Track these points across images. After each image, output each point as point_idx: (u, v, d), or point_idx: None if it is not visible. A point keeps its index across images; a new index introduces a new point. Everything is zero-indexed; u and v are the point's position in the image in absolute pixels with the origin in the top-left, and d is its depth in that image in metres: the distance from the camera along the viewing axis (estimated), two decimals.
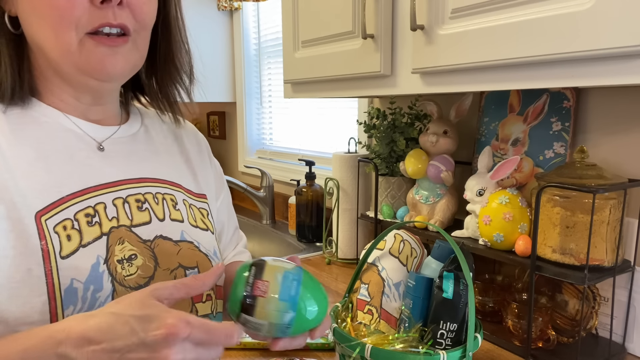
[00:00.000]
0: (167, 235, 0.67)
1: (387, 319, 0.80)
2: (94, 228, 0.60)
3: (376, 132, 1.27)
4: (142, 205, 0.66)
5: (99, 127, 0.67)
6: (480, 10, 0.76)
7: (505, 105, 1.08)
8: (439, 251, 0.79)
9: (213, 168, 0.84)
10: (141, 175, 0.68)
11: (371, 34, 0.96)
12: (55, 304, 0.55)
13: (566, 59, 0.66)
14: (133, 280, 0.61)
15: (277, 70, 2.10)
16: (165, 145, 0.76)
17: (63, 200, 0.59)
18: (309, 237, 1.68)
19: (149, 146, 0.73)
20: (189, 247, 0.68)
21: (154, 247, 0.64)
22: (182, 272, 0.65)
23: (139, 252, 0.62)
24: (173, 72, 0.73)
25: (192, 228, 0.71)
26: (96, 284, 0.58)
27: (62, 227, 0.57)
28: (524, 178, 1.03)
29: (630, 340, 0.90)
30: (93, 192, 0.62)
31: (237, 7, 2.15)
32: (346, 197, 1.42)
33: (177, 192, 0.72)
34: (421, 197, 1.15)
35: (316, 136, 1.92)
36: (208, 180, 0.81)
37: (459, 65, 0.80)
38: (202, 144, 0.84)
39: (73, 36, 0.57)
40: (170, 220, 0.68)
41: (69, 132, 0.63)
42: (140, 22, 0.62)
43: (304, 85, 1.23)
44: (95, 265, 0.58)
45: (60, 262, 0.56)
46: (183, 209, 0.71)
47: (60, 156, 0.61)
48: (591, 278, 0.80)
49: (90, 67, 0.60)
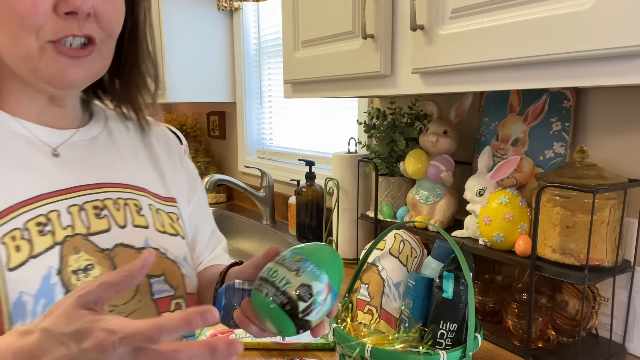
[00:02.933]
0: (129, 243, 0.63)
1: (387, 319, 0.80)
2: (46, 237, 0.56)
3: (376, 132, 1.27)
4: (101, 212, 0.63)
5: (53, 131, 0.63)
6: (480, 10, 0.76)
7: (505, 105, 1.08)
8: (439, 251, 0.79)
9: (185, 169, 0.81)
10: (100, 180, 0.65)
11: (371, 34, 0.96)
12: (2, 319, 0.51)
13: (566, 59, 0.66)
14: None
15: (277, 70, 2.10)
16: (130, 148, 0.72)
17: (12, 209, 0.55)
18: (309, 237, 1.68)
19: (111, 150, 0.69)
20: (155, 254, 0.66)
21: (113, 256, 0.61)
22: (146, 281, 0.63)
23: (97, 262, 0.59)
24: (138, 77, 0.70)
25: (158, 234, 0.67)
26: (48, 297, 0.54)
27: (11, 237, 0.54)
28: (524, 178, 1.03)
29: (630, 340, 0.90)
30: (46, 200, 0.58)
31: (237, 7, 2.15)
32: (346, 197, 1.42)
33: (142, 197, 0.69)
34: (421, 197, 1.15)
35: (316, 136, 1.92)
36: (179, 183, 0.77)
37: (459, 65, 0.80)
38: (172, 145, 0.81)
39: (33, 42, 0.55)
40: (133, 226, 0.65)
41: (19, 138, 0.60)
42: (107, 31, 0.60)
43: (304, 85, 1.23)
44: (47, 277, 0.55)
45: (7, 275, 0.52)
46: (149, 214, 0.68)
47: (9, 163, 0.58)
48: (591, 278, 0.80)
49: (49, 75, 0.57)
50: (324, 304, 0.52)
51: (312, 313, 0.51)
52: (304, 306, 0.51)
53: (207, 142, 2.68)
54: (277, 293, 0.51)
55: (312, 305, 0.51)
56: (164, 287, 0.65)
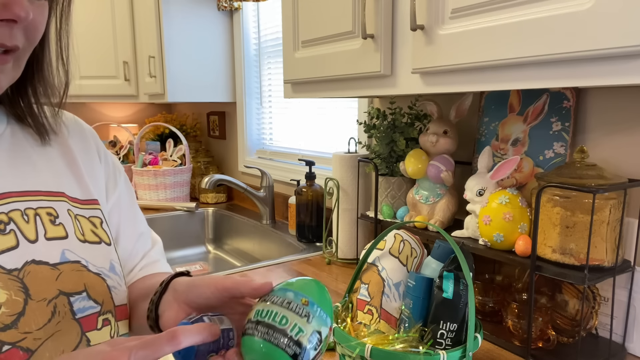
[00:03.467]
0: (42, 259, 0.56)
1: (387, 319, 0.80)
2: None
3: (376, 132, 1.27)
4: (6, 227, 0.55)
5: None
6: (480, 10, 0.76)
7: (505, 105, 1.08)
8: (439, 251, 0.79)
9: (104, 164, 0.72)
10: (4, 189, 0.57)
11: (371, 34, 0.96)
12: None
13: (566, 59, 0.66)
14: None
15: (277, 70, 2.10)
16: (40, 148, 0.64)
17: None
18: (309, 237, 1.68)
19: (16, 152, 0.61)
20: (74, 268, 0.59)
21: (23, 276, 0.54)
22: (64, 300, 0.56)
23: (2, 287, 0.52)
24: (37, 86, 0.62)
25: (79, 244, 0.61)
26: None
27: None
28: (524, 178, 1.03)
29: (630, 340, 0.90)
30: None
31: (237, 7, 2.15)
32: (346, 197, 1.42)
33: (58, 203, 0.61)
34: (421, 197, 1.15)
35: (316, 136, 1.92)
36: (98, 182, 0.70)
37: (459, 65, 0.80)
38: (89, 139, 0.72)
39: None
40: (46, 239, 0.58)
41: None
42: (31, 39, 0.54)
43: (304, 85, 1.23)
44: None
45: None
46: (67, 221, 0.61)
47: None
48: (591, 278, 0.80)
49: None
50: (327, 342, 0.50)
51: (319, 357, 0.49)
52: (314, 354, 0.48)
53: (207, 142, 2.68)
54: (290, 343, 0.46)
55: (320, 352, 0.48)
56: (88, 304, 0.59)
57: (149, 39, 2.13)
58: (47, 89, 0.63)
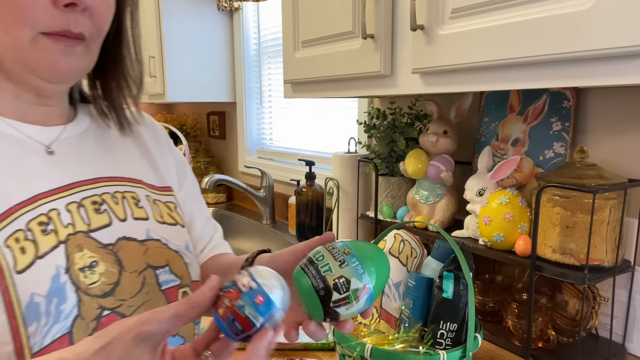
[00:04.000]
0: (131, 236, 0.63)
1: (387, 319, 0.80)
2: (50, 237, 0.56)
3: (376, 132, 1.27)
4: (100, 207, 0.62)
5: (42, 128, 0.62)
6: (480, 10, 0.76)
7: (505, 105, 1.08)
8: (439, 251, 0.79)
9: (173, 157, 0.80)
10: (96, 175, 0.64)
11: (371, 34, 0.96)
12: (16, 322, 0.51)
13: (566, 59, 0.66)
14: (98, 288, 0.57)
15: (277, 70, 2.10)
16: (119, 140, 0.71)
17: (11, 211, 0.54)
18: (309, 237, 1.67)
19: (101, 143, 0.68)
20: (157, 245, 0.65)
21: (117, 250, 0.61)
22: (152, 273, 0.63)
23: (100, 259, 0.59)
24: (121, 80, 0.69)
25: (158, 225, 0.67)
26: (59, 297, 0.54)
27: (14, 239, 0.53)
28: (524, 178, 1.03)
29: (630, 340, 0.90)
30: (44, 199, 0.57)
31: (237, 7, 2.15)
32: (346, 197, 1.42)
33: (139, 189, 0.68)
34: (421, 197, 1.15)
35: (316, 136, 1.92)
36: (170, 171, 0.77)
37: (459, 65, 0.80)
38: (159, 133, 0.79)
39: (27, 33, 0.54)
40: (133, 219, 0.65)
41: (8, 138, 0.59)
42: (98, 28, 0.59)
43: (304, 85, 1.23)
44: (56, 277, 0.54)
45: (17, 278, 0.52)
46: (147, 205, 0.67)
47: (2, 164, 0.56)
48: (591, 278, 0.80)
49: (40, 65, 0.56)
50: (358, 302, 0.52)
51: (343, 307, 0.52)
52: (337, 297, 0.51)
53: (207, 142, 2.68)
54: (317, 276, 0.52)
55: (346, 299, 0.51)
56: (170, 277, 0.65)
57: (149, 39, 2.13)
58: (128, 81, 0.69)
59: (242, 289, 0.47)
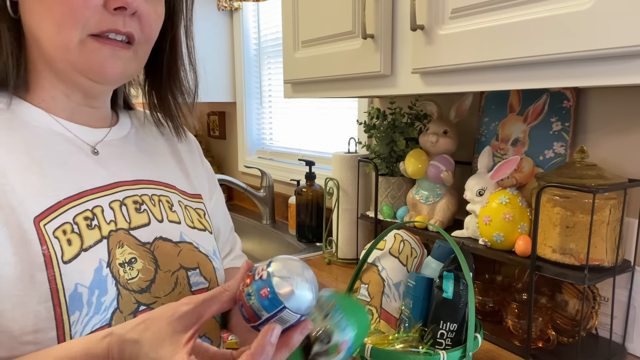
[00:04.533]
0: (167, 237, 0.66)
1: (387, 319, 0.80)
2: (94, 231, 0.59)
3: (376, 132, 1.27)
4: (140, 207, 0.65)
5: (89, 129, 0.66)
6: (480, 10, 0.76)
7: (505, 105, 1.08)
8: (439, 251, 0.79)
9: (204, 168, 0.84)
10: (135, 177, 0.67)
11: (371, 34, 0.96)
12: (60, 310, 0.53)
13: (566, 59, 0.66)
14: (135, 284, 0.60)
15: (277, 70, 2.10)
16: (156, 146, 0.75)
17: (60, 205, 0.57)
18: (309, 237, 1.68)
19: (140, 148, 0.72)
20: (189, 247, 0.68)
21: (153, 249, 0.63)
22: (184, 274, 0.65)
23: (138, 256, 0.62)
24: (174, 90, 0.73)
25: (189, 229, 0.70)
26: (101, 288, 0.57)
27: (62, 231, 0.56)
28: (524, 178, 1.03)
29: (630, 340, 0.90)
30: (90, 196, 0.61)
31: (237, 7, 2.15)
32: (346, 197, 1.42)
33: (172, 194, 0.71)
34: (421, 197, 1.15)
35: (316, 136, 1.92)
36: (201, 180, 0.80)
37: (459, 65, 0.80)
38: (192, 143, 0.83)
39: (76, 34, 0.57)
40: (168, 221, 0.68)
41: (59, 137, 0.62)
42: (146, 34, 0.62)
43: (304, 85, 1.23)
44: (99, 269, 0.57)
45: (63, 267, 0.54)
46: (179, 210, 0.70)
47: (53, 161, 0.60)
48: (591, 278, 0.80)
49: (87, 67, 0.59)
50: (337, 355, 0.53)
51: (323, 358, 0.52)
52: (317, 349, 0.51)
53: (207, 142, 2.68)
54: None
55: (327, 352, 0.52)
56: (200, 280, 0.67)
57: None
58: (182, 90, 0.74)
59: (255, 277, 0.46)
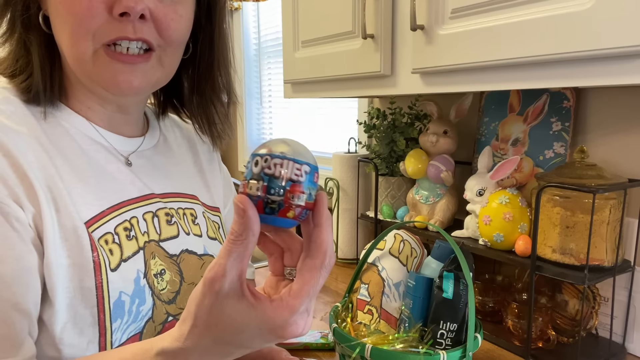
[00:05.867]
0: (192, 250, 0.66)
1: (387, 319, 0.80)
2: (132, 242, 0.59)
3: (376, 132, 1.27)
4: (171, 220, 0.65)
5: (124, 139, 0.65)
6: (481, 10, 0.76)
7: (505, 105, 1.08)
8: (439, 251, 0.79)
9: (222, 175, 0.83)
10: (165, 190, 0.68)
11: (371, 34, 0.96)
12: (104, 316, 0.54)
13: (566, 59, 0.66)
14: (165, 295, 0.61)
15: (277, 70, 2.10)
16: (181, 155, 0.75)
17: (104, 214, 0.58)
18: None
19: (168, 158, 0.72)
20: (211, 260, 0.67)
21: (179, 261, 0.64)
22: None
23: (167, 267, 0.62)
24: (210, 91, 0.70)
25: (210, 241, 0.70)
26: (140, 298, 0.58)
27: (105, 240, 0.57)
28: (524, 178, 1.03)
29: (630, 340, 0.90)
30: (128, 206, 0.61)
31: (237, 7, 2.15)
32: (346, 197, 1.42)
33: (196, 205, 0.71)
34: (421, 197, 1.15)
35: (316, 136, 1.92)
36: (218, 190, 0.80)
37: (459, 65, 0.80)
38: (213, 152, 0.82)
39: (89, 46, 0.55)
40: (193, 234, 0.68)
41: (98, 146, 0.62)
42: (165, 38, 0.58)
43: (304, 85, 1.23)
44: (137, 280, 0.58)
45: (110, 275, 0.55)
46: (202, 222, 0.70)
47: (94, 169, 0.60)
48: (591, 278, 0.80)
49: (102, 80, 0.58)
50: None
51: None
52: None
53: None
54: None
55: None
56: None
57: None
58: (219, 95, 0.71)
59: None
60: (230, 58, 0.71)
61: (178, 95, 0.73)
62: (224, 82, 0.71)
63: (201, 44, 0.67)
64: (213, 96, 0.71)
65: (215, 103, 0.72)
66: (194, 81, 0.70)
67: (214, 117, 0.72)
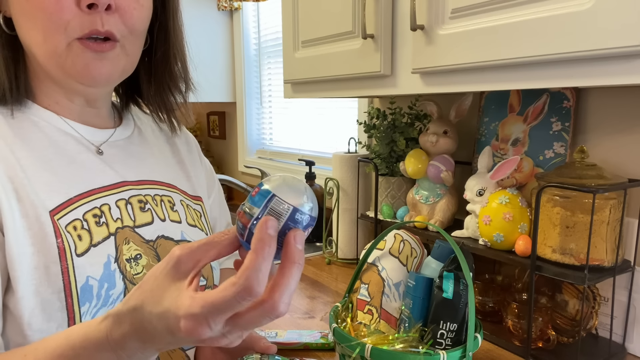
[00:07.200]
0: (169, 235, 0.68)
1: (387, 319, 0.80)
2: (102, 228, 0.61)
3: (376, 132, 1.27)
4: (145, 206, 0.67)
5: (95, 130, 0.68)
6: (480, 10, 0.76)
7: (505, 105, 1.08)
8: (439, 251, 0.79)
9: (203, 167, 0.85)
10: (139, 177, 0.69)
11: (371, 34, 0.96)
12: (72, 300, 0.56)
13: (566, 59, 0.66)
14: (140, 279, 0.62)
15: (277, 70, 2.10)
16: (158, 146, 0.77)
17: (71, 201, 0.60)
18: (309, 237, 1.67)
19: (143, 148, 0.74)
20: None
21: (156, 246, 0.65)
22: None
23: (143, 252, 0.64)
24: (167, 79, 0.73)
25: (190, 228, 0.72)
26: (109, 282, 0.59)
27: (73, 227, 0.59)
28: (524, 178, 1.03)
29: (630, 340, 0.90)
30: (97, 194, 0.63)
31: (237, 7, 2.15)
32: (346, 197, 1.42)
33: (174, 194, 0.73)
34: (421, 197, 1.15)
35: (316, 136, 1.92)
36: (200, 180, 0.81)
37: (459, 65, 0.80)
38: (191, 143, 0.85)
39: (62, 40, 0.57)
40: (170, 221, 0.70)
41: (67, 136, 0.64)
42: (129, 27, 0.61)
43: (304, 85, 1.23)
44: (107, 264, 0.60)
45: (76, 260, 0.57)
46: (181, 209, 0.72)
47: (62, 159, 0.62)
48: (591, 278, 0.80)
49: (75, 71, 0.60)
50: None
51: None
52: None
53: (207, 142, 2.68)
54: None
55: None
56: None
57: None
58: (176, 83, 0.74)
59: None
60: (185, 46, 0.74)
61: (137, 87, 0.75)
62: (180, 70, 0.74)
63: (157, 32, 0.70)
64: (171, 84, 0.73)
65: (173, 90, 0.74)
66: (151, 70, 0.72)
67: (172, 105, 0.75)
